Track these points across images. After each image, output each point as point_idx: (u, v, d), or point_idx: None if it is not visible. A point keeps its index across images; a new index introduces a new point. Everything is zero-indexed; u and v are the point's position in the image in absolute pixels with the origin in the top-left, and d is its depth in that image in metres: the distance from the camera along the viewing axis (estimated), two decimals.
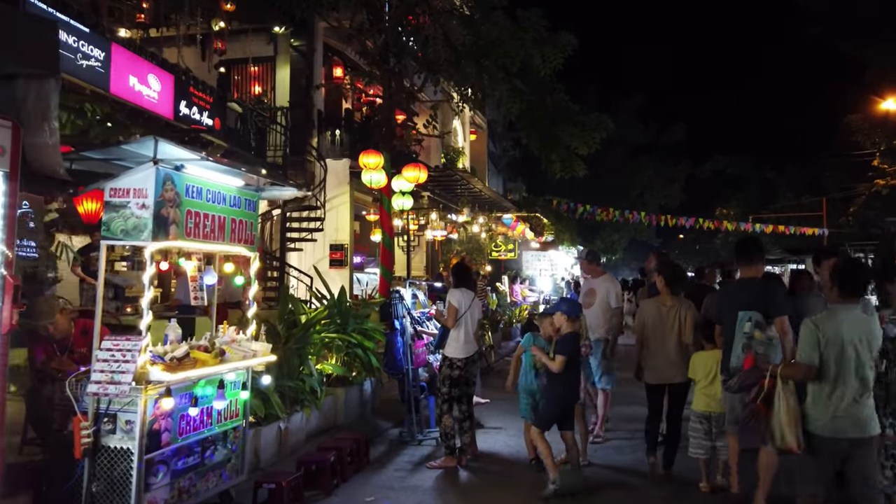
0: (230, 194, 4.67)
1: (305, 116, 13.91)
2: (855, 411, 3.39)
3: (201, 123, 11.18)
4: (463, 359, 5.80)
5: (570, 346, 5.02)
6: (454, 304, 5.80)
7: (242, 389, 4.58)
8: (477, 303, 6.03)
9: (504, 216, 19.84)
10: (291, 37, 13.93)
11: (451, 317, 5.80)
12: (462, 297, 5.85)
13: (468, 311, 5.84)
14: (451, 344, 5.84)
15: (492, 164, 29.65)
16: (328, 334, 6.68)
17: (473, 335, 5.92)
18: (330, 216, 13.76)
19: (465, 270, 6.18)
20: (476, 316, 5.98)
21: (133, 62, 9.46)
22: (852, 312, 3.48)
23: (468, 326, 5.84)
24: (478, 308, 6.04)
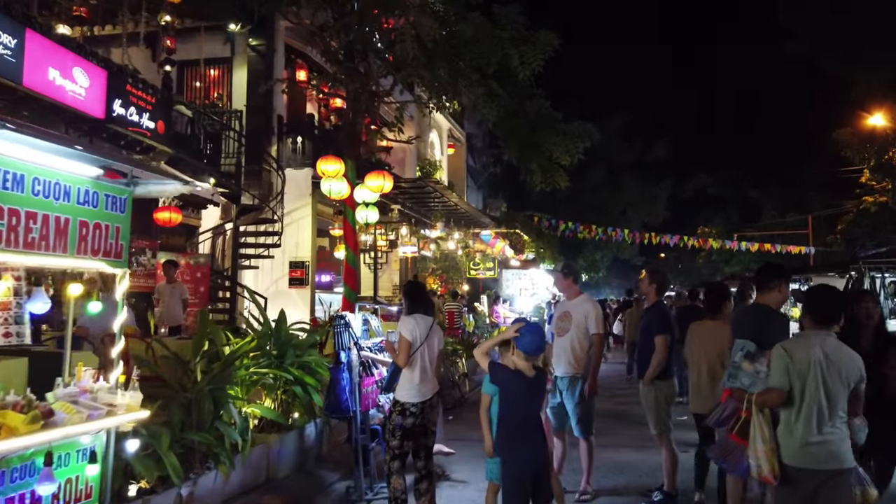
0: (79, 187, 3.47)
1: (264, 122, 12.77)
2: (824, 441, 3.30)
3: (141, 126, 9.98)
4: (418, 404, 4.60)
5: None
6: (406, 336, 4.59)
7: (90, 462, 3.36)
8: (437, 331, 4.83)
9: (482, 232, 18.78)
10: (250, 36, 12.83)
11: (402, 352, 4.60)
12: (416, 327, 4.64)
13: (425, 342, 4.64)
14: (402, 385, 4.68)
15: (471, 179, 28.68)
16: (258, 370, 5.49)
17: (433, 372, 4.73)
18: (290, 230, 12.59)
19: (419, 291, 4.97)
20: (436, 347, 4.77)
21: (54, 53, 8.26)
22: (824, 339, 3.39)
23: (424, 362, 4.64)
24: (437, 337, 4.83)
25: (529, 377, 3.79)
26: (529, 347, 3.75)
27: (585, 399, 5.49)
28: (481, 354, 4.03)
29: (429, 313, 4.79)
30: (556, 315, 5.91)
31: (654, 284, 5.65)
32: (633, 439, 7.87)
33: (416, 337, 4.63)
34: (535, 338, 3.78)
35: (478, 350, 4.07)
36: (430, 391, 4.69)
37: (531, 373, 3.80)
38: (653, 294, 5.63)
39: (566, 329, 5.60)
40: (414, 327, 4.64)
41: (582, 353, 5.51)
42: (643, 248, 35.34)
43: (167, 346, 5.00)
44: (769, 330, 3.99)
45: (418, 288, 5.04)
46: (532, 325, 3.85)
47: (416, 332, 4.63)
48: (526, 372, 3.79)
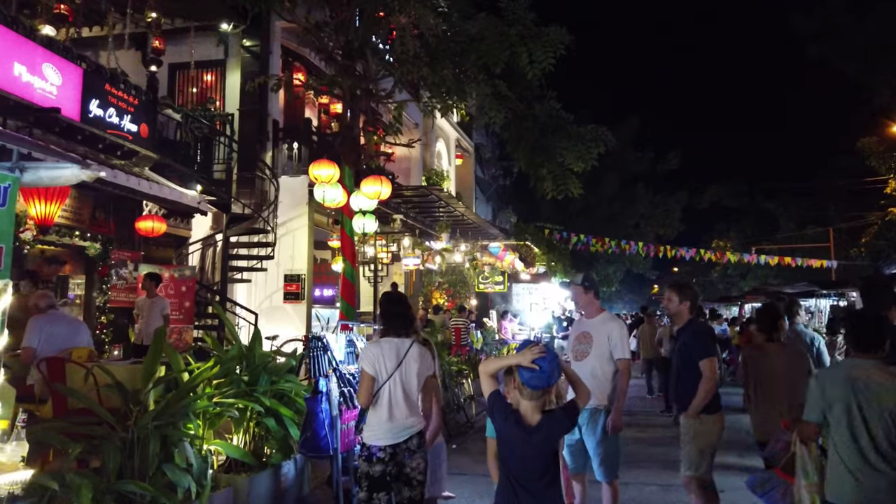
0: None
1: (258, 126, 12.06)
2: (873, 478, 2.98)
3: (121, 129, 9.28)
4: (386, 447, 3.69)
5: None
6: (366, 370, 3.71)
7: None
8: (419, 355, 3.85)
9: (491, 245, 17.96)
10: (243, 37, 12.16)
11: (361, 389, 3.74)
12: (380, 356, 3.75)
13: (396, 372, 3.74)
14: (369, 424, 3.76)
15: (479, 190, 27.91)
16: (223, 399, 4.67)
17: (410, 408, 3.78)
18: (285, 242, 11.83)
19: (393, 305, 4.00)
20: (415, 376, 3.80)
21: (20, 46, 7.58)
22: (865, 366, 3.13)
23: (395, 397, 3.73)
24: (421, 362, 3.84)
25: (530, 424, 2.84)
26: (532, 381, 2.82)
27: (609, 436, 4.63)
28: (487, 375, 3.03)
29: (407, 333, 3.87)
30: (572, 336, 5.06)
31: (686, 301, 4.74)
32: (660, 474, 6.97)
33: (379, 369, 3.73)
34: (543, 373, 2.83)
35: (484, 367, 3.07)
36: (405, 431, 3.74)
37: (534, 418, 2.86)
38: (685, 312, 4.74)
39: (585, 353, 4.76)
40: (377, 357, 3.74)
41: (605, 382, 4.65)
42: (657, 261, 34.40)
43: (111, 373, 4.20)
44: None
45: (392, 302, 4.06)
46: (549, 353, 2.89)
47: (379, 362, 3.74)
48: (527, 416, 2.86)
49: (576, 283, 5.03)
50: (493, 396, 3.01)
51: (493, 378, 3.07)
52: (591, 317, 4.94)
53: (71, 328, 5.49)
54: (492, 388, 3.02)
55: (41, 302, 5.53)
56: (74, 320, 5.54)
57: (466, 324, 14.36)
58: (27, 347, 5.23)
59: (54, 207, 5.31)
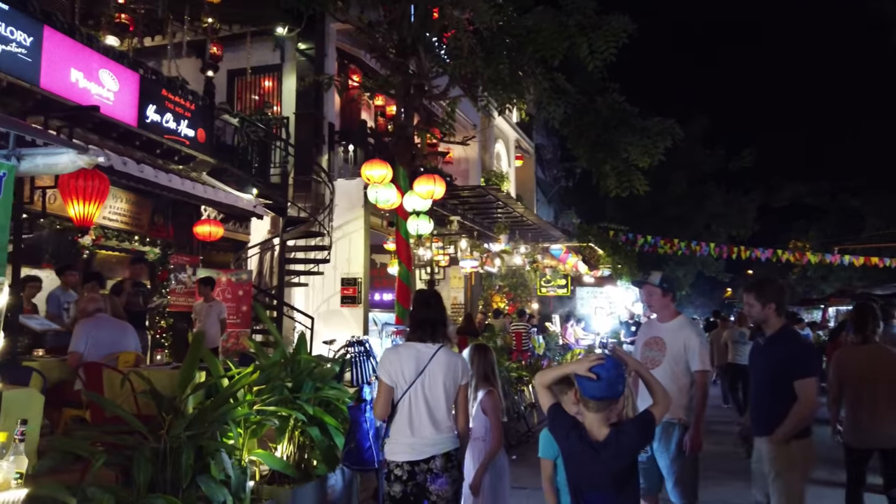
0: None
1: (314, 130, 11.99)
2: None
3: (178, 134, 9.33)
4: (404, 464, 3.27)
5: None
6: (382, 379, 3.33)
7: None
8: (442, 363, 3.32)
9: (553, 247, 17.41)
10: (299, 40, 12.13)
11: (377, 400, 3.36)
12: (397, 362, 3.32)
13: (418, 381, 3.28)
14: (390, 437, 3.37)
15: (541, 192, 27.31)
16: (263, 406, 4.43)
17: (435, 422, 3.28)
18: (341, 245, 11.70)
19: (422, 307, 3.50)
20: (442, 385, 3.31)
21: (77, 53, 7.67)
22: None
23: (416, 409, 3.28)
24: (443, 372, 3.31)
25: (596, 440, 2.55)
26: (591, 391, 2.53)
27: (686, 454, 4.12)
28: (543, 387, 2.75)
29: (434, 338, 3.41)
30: (641, 341, 4.56)
31: (770, 304, 3.89)
32: (743, 493, 6.34)
33: (396, 377, 3.31)
34: (602, 381, 2.52)
35: (540, 378, 2.79)
36: (427, 448, 3.27)
37: (601, 432, 2.56)
38: (773, 316, 3.90)
39: (657, 361, 4.27)
40: (394, 364, 3.32)
41: (679, 394, 4.14)
42: (730, 263, 32.80)
43: (148, 379, 4.01)
44: None
45: (420, 303, 3.53)
46: (610, 360, 2.57)
47: (396, 370, 3.31)
48: (593, 431, 2.57)
49: (652, 284, 4.43)
50: (553, 410, 2.70)
51: (550, 390, 2.77)
52: (665, 320, 4.42)
53: (118, 332, 5.41)
54: (550, 401, 2.73)
55: (89, 306, 5.47)
56: (121, 324, 5.46)
57: (527, 328, 13.90)
58: (73, 352, 5.16)
59: (93, 208, 5.24)
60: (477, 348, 4.22)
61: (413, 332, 3.43)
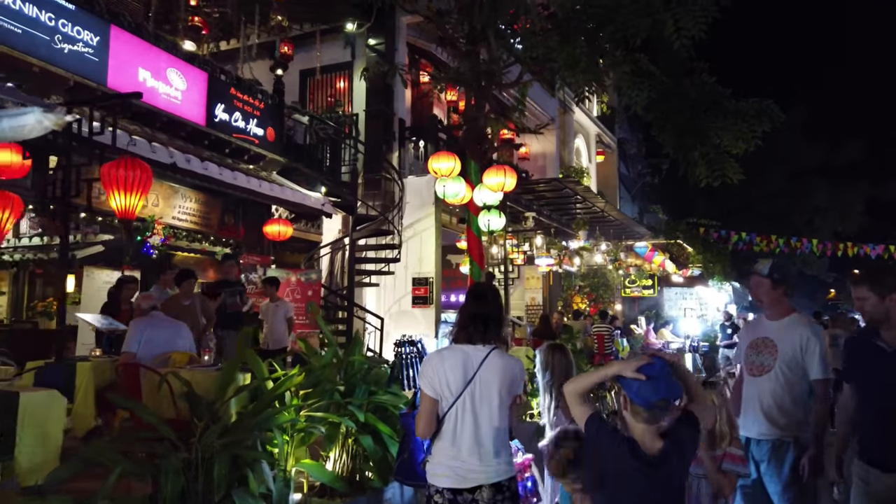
0: None
1: (384, 127, 11.72)
2: None
3: (248, 133, 9.26)
4: (445, 490, 2.72)
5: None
6: (424, 391, 2.78)
7: None
8: (495, 368, 2.74)
9: (637, 244, 16.44)
10: (369, 36, 11.90)
11: (420, 416, 2.81)
12: (441, 370, 2.76)
13: (466, 391, 2.72)
14: (433, 457, 2.83)
15: (624, 188, 26.16)
16: (310, 412, 4.07)
17: (479, 444, 2.71)
18: (412, 244, 11.36)
19: (473, 302, 2.88)
20: (496, 396, 2.74)
21: (145, 52, 7.68)
22: None
23: (463, 426, 2.72)
24: (497, 380, 2.74)
25: (651, 454, 2.14)
26: (644, 393, 2.12)
27: (803, 479, 3.41)
28: (577, 396, 2.29)
29: (485, 339, 2.79)
30: (745, 343, 3.83)
31: (893, 295, 3.05)
32: None
33: (440, 387, 2.75)
34: (661, 384, 2.13)
35: (573, 385, 2.32)
36: (474, 475, 2.69)
37: (655, 444, 2.15)
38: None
39: (766, 366, 3.58)
40: (437, 371, 2.76)
41: (794, 406, 3.44)
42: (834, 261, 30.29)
43: (187, 382, 3.73)
44: None
45: (473, 297, 2.93)
46: (658, 361, 2.17)
47: (440, 378, 2.75)
48: (645, 444, 2.15)
49: (760, 273, 3.69)
50: (592, 422, 2.23)
51: (584, 398, 2.30)
52: (776, 318, 3.69)
53: (172, 331, 5.21)
54: (587, 412, 2.26)
55: (143, 303, 5.32)
56: (176, 323, 5.27)
57: (610, 330, 13.08)
58: (126, 352, 5.00)
59: (135, 199, 5.08)
60: (553, 348, 3.66)
61: (460, 332, 2.85)
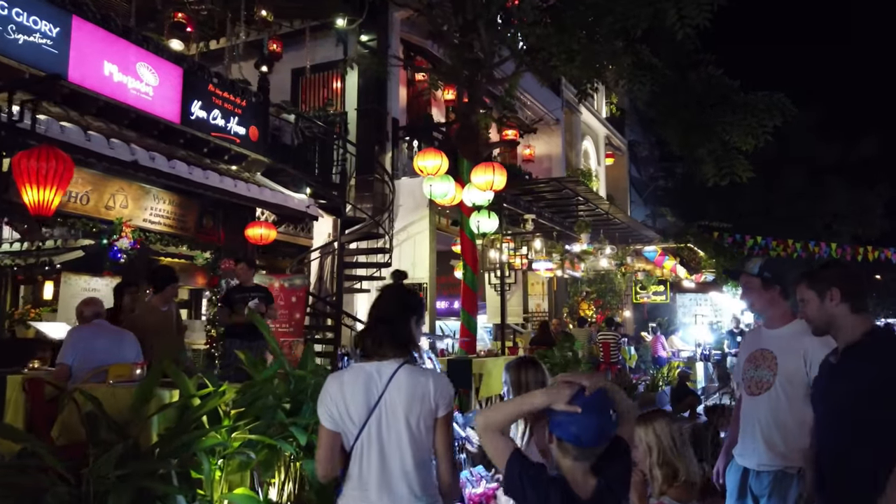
0: None
1: (377, 126, 11.27)
2: None
3: (228, 131, 8.83)
4: None
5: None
6: (322, 421, 2.24)
7: None
8: (403, 387, 2.19)
9: (646, 249, 15.82)
10: (361, 32, 11.46)
11: (320, 451, 2.24)
12: (340, 395, 2.21)
13: (372, 419, 2.18)
14: (343, 496, 2.23)
15: (635, 192, 25.50)
16: (243, 434, 3.57)
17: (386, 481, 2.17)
18: (405, 248, 10.88)
19: (380, 305, 2.37)
20: (402, 422, 2.19)
21: (111, 46, 7.27)
22: None
23: (369, 461, 2.19)
24: (405, 402, 2.18)
25: (583, 497, 1.74)
26: (584, 434, 1.73)
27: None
28: (491, 431, 1.86)
29: (393, 352, 2.25)
30: (743, 356, 3.25)
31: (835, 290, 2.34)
32: None
33: (342, 417, 2.20)
34: (593, 417, 1.73)
35: (485, 417, 1.88)
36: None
37: (588, 484, 1.76)
38: (848, 316, 2.32)
39: (764, 383, 3.02)
40: (335, 399, 2.21)
41: (800, 431, 2.85)
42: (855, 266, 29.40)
43: (95, 399, 3.24)
44: None
45: (380, 301, 2.38)
46: (598, 393, 1.74)
47: (338, 407, 2.20)
48: (577, 484, 1.75)
49: (749, 273, 3.17)
50: (513, 464, 1.80)
51: (501, 433, 1.87)
52: (775, 326, 3.14)
53: (115, 341, 4.74)
54: (507, 451, 1.82)
55: (86, 310, 4.85)
56: (120, 332, 4.80)
57: (617, 338, 12.50)
58: (60, 365, 4.53)
59: (51, 194, 4.63)
60: (523, 364, 2.99)
61: (363, 347, 2.29)
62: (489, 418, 1.86)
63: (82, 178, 6.92)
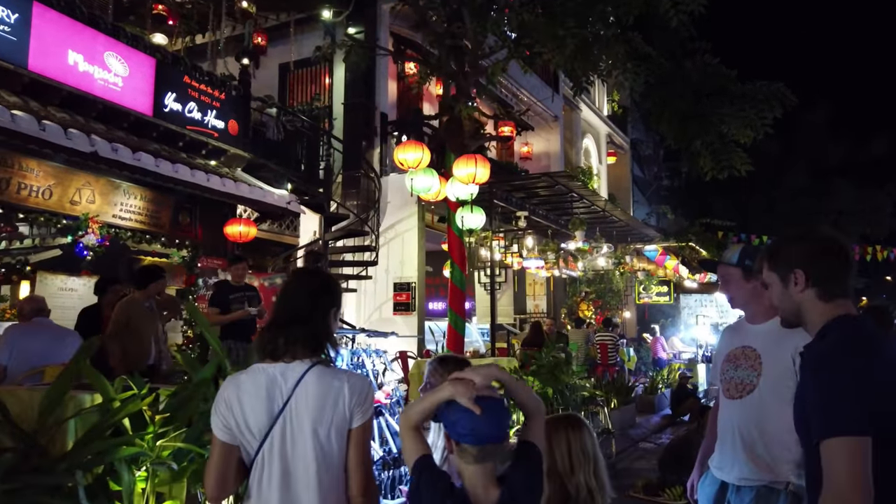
0: None
1: (364, 121, 10.95)
2: None
3: (205, 125, 8.54)
4: None
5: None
6: (216, 432, 1.90)
7: None
8: (311, 394, 1.87)
9: (646, 248, 15.42)
10: (348, 25, 11.15)
11: (210, 466, 1.89)
12: (236, 402, 1.88)
13: (276, 430, 1.87)
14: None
15: (638, 191, 25.07)
16: (171, 442, 3.24)
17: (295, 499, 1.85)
18: (394, 246, 10.56)
19: (287, 295, 2.02)
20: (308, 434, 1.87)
21: (77, 34, 6.99)
22: None
23: (270, 479, 1.85)
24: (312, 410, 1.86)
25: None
26: (478, 432, 1.58)
27: None
28: (407, 427, 1.72)
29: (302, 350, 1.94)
30: (722, 354, 2.83)
31: (799, 272, 1.79)
32: None
33: (240, 427, 1.89)
34: (490, 418, 1.58)
35: (406, 414, 1.74)
36: None
37: (490, 494, 1.59)
38: (811, 299, 1.79)
39: (747, 385, 2.62)
40: (231, 405, 1.89)
41: (785, 439, 2.42)
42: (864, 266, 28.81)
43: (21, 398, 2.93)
44: None
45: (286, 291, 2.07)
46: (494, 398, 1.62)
47: (234, 415, 1.89)
48: (476, 492, 1.60)
49: (727, 263, 2.74)
50: (417, 468, 1.68)
51: (417, 433, 1.72)
52: (758, 321, 2.72)
53: (54, 341, 4.44)
54: (416, 453, 1.70)
55: (26, 306, 4.56)
56: (62, 331, 4.51)
57: (614, 339, 12.14)
58: None
59: None
60: (444, 362, 2.66)
61: (261, 345, 1.97)
62: (407, 415, 1.72)
63: (43, 171, 6.64)
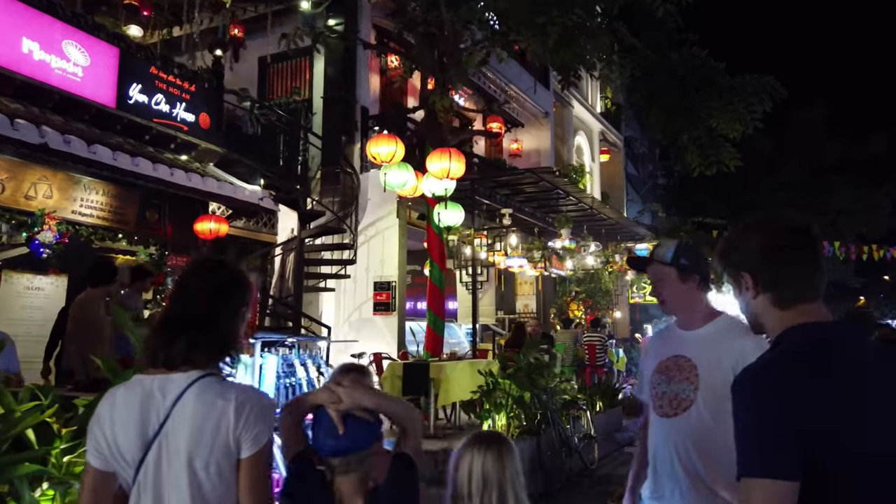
0: None
1: (344, 115, 10.64)
2: None
3: (174, 118, 8.23)
4: None
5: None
6: (89, 457, 1.59)
7: None
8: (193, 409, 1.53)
9: (637, 247, 15.12)
10: (328, 16, 10.83)
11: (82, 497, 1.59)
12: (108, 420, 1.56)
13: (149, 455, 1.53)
14: None
15: (633, 190, 24.77)
16: (77, 458, 2.94)
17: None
18: (374, 244, 10.25)
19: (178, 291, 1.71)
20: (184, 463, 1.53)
21: (31, 21, 6.68)
22: None
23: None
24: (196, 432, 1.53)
25: None
26: (329, 444, 1.59)
27: None
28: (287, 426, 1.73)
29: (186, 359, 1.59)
30: (650, 366, 2.43)
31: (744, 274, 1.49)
32: None
33: (112, 452, 1.55)
34: (349, 431, 1.57)
35: (288, 412, 1.74)
36: None
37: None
38: (767, 305, 1.44)
39: (683, 400, 2.26)
40: (103, 426, 1.57)
41: (731, 458, 2.12)
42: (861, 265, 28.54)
43: None
44: None
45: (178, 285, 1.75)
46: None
47: (106, 437, 1.56)
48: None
49: (660, 260, 2.37)
50: (292, 468, 1.67)
51: (296, 430, 1.72)
52: (692, 326, 2.36)
53: None
54: (291, 452, 1.70)
55: None
56: None
57: (603, 340, 11.85)
58: None
59: None
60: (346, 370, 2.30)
61: (152, 351, 1.64)
62: (289, 414, 1.70)
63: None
